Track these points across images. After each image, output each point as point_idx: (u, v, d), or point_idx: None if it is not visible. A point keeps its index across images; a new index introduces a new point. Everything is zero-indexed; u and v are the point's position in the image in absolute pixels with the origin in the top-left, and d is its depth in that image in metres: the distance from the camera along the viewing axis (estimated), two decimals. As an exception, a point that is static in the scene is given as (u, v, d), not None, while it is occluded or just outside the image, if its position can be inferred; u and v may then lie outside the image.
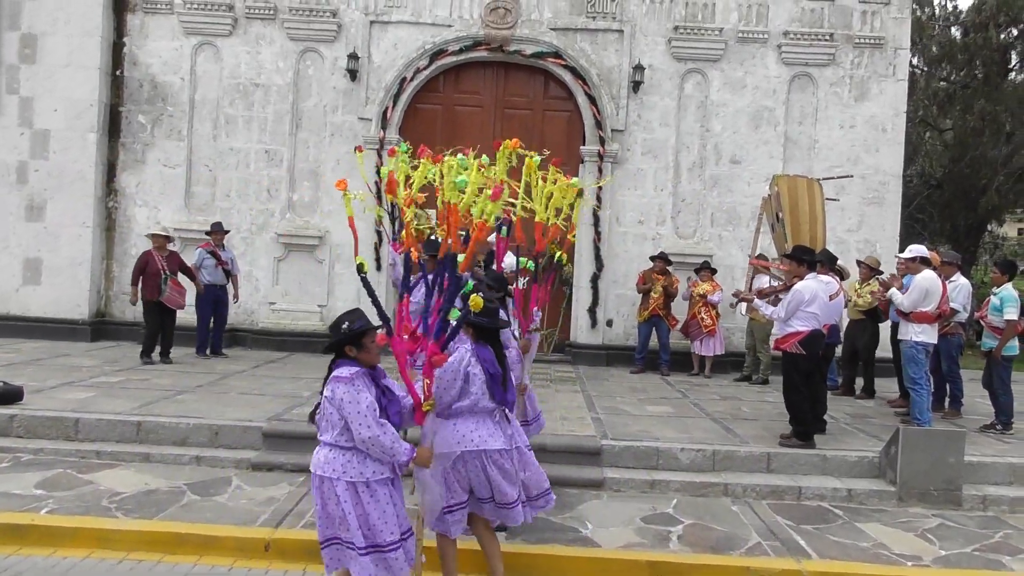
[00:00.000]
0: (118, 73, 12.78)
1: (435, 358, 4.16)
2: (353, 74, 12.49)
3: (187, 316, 11.29)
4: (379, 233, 12.09)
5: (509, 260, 6.46)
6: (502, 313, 4.82)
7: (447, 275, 4.21)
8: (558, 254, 6.32)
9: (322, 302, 12.64)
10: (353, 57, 12.42)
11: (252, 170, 12.75)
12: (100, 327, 12.70)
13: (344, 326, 4.00)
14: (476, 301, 4.06)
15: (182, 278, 10.83)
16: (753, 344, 11.47)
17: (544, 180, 5.65)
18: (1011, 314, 8.29)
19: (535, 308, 6.17)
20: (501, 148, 4.94)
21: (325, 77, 12.70)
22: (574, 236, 4.82)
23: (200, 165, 12.80)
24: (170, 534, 5.40)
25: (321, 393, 4.09)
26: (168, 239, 10.96)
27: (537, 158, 5.33)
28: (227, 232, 11.72)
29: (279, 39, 12.68)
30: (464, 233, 4.53)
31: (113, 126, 12.80)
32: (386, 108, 12.57)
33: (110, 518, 5.59)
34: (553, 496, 4.93)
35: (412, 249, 4.56)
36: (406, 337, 4.24)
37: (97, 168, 12.55)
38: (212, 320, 11.39)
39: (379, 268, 12.27)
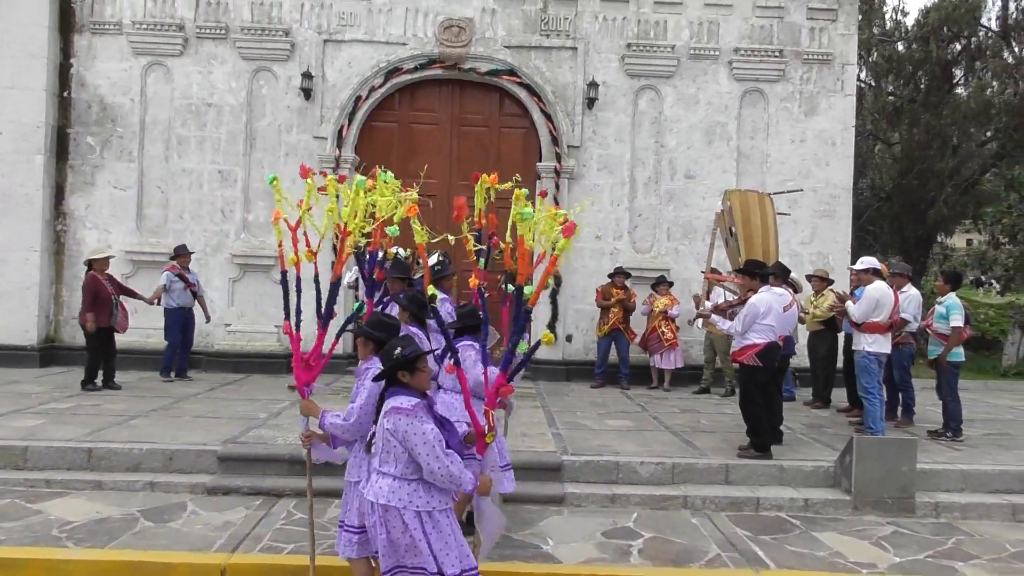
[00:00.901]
0: (66, 95, 12.56)
1: (502, 389, 4.23)
2: (307, 93, 12.43)
3: (136, 338, 11.12)
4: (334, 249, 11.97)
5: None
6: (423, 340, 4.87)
7: (515, 306, 4.32)
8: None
9: (279, 323, 12.49)
10: (307, 76, 12.36)
11: (206, 191, 12.59)
12: (49, 353, 12.41)
13: (397, 352, 3.98)
14: (548, 337, 4.33)
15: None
16: (712, 357, 11.57)
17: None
18: (956, 321, 8.49)
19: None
20: (479, 183, 4.97)
21: (279, 96, 12.62)
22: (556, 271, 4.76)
23: (152, 187, 12.61)
24: (123, 563, 5.28)
25: (375, 422, 4.09)
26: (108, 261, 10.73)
27: (525, 191, 5.25)
28: (192, 254, 11.53)
29: (231, 58, 12.58)
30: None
31: (61, 148, 12.57)
32: (341, 127, 12.53)
33: (61, 548, 5.45)
34: None
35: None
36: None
37: (45, 191, 12.30)
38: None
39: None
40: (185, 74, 12.58)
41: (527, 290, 4.27)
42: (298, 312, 4.87)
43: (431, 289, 4.80)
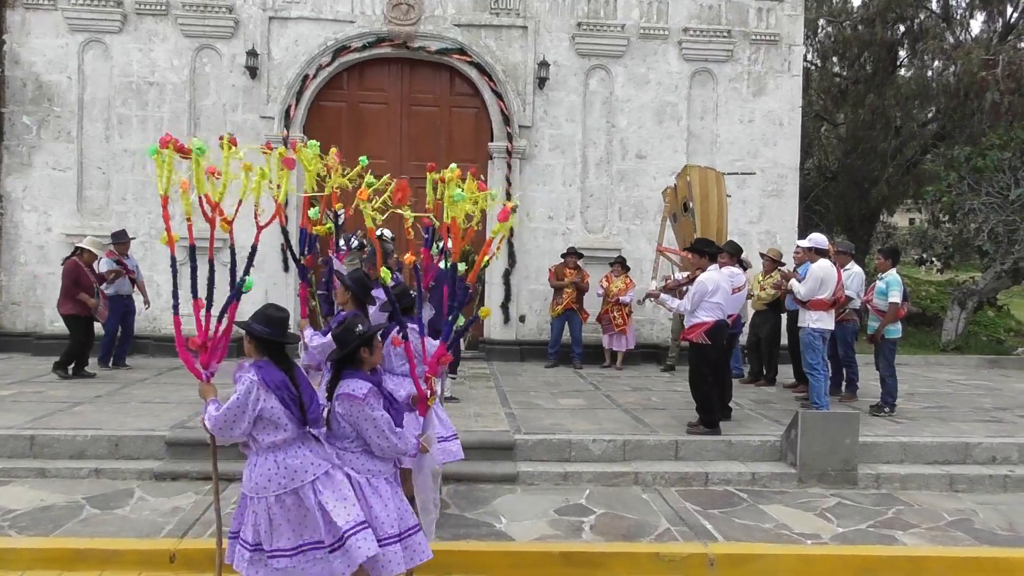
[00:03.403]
0: (-1, 72, 12.15)
1: (443, 358, 4.51)
2: (253, 71, 12.20)
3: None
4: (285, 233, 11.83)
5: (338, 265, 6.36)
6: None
7: (452, 283, 4.58)
8: (471, 254, 6.29)
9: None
10: (252, 54, 12.12)
11: (149, 172, 12.27)
12: (-12, 339, 12.06)
13: (358, 329, 4.12)
14: (485, 311, 4.74)
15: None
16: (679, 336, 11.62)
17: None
18: (895, 297, 8.69)
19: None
20: (429, 177, 5.16)
21: (223, 75, 12.36)
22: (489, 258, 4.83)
23: (92, 168, 12.29)
24: (69, 550, 5.17)
25: (328, 399, 4.19)
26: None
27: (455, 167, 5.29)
28: (132, 239, 11.19)
29: (173, 36, 12.27)
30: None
31: (-5, 128, 12.16)
32: (289, 106, 12.33)
33: (4, 536, 5.33)
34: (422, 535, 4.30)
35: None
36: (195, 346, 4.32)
37: (-20, 172, 11.91)
38: (120, 331, 10.94)
39: (287, 269, 12.06)
40: (125, 51, 12.24)
41: (460, 267, 4.64)
42: (183, 290, 4.54)
43: (384, 272, 4.78)
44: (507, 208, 4.44)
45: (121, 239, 10.83)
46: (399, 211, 4.29)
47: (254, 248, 4.70)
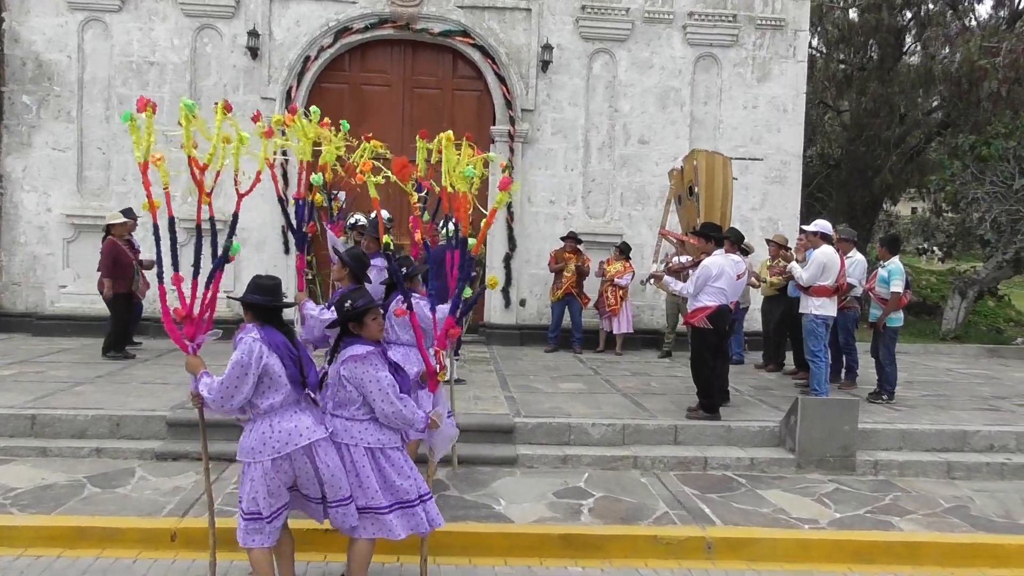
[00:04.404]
0: (-1, 50, 12.08)
1: (451, 331, 4.57)
2: (254, 52, 12.13)
3: (77, 304, 10.82)
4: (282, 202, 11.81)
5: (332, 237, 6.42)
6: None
7: (461, 257, 4.69)
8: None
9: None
10: (253, 34, 12.05)
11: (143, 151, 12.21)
12: (-11, 319, 12.05)
13: (347, 305, 4.18)
14: (493, 280, 4.77)
15: None
16: (675, 322, 11.63)
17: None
18: (897, 286, 8.69)
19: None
20: (419, 144, 5.14)
21: (224, 55, 12.29)
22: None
23: (92, 148, 12.24)
24: (70, 528, 5.21)
25: (327, 366, 4.28)
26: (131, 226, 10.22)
27: (449, 132, 5.32)
28: (139, 218, 11.08)
29: (173, 15, 12.19)
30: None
31: (-6, 107, 12.10)
32: (290, 87, 12.27)
33: (5, 514, 5.36)
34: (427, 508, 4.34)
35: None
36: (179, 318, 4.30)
37: (-21, 152, 11.86)
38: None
39: (287, 251, 12.03)
40: (125, 31, 12.16)
41: (470, 241, 4.69)
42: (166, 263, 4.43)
43: (387, 238, 4.81)
44: (507, 178, 4.51)
45: (128, 216, 10.75)
46: (401, 185, 4.31)
47: (235, 216, 4.64)
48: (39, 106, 12.15)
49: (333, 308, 4.67)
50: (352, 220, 9.43)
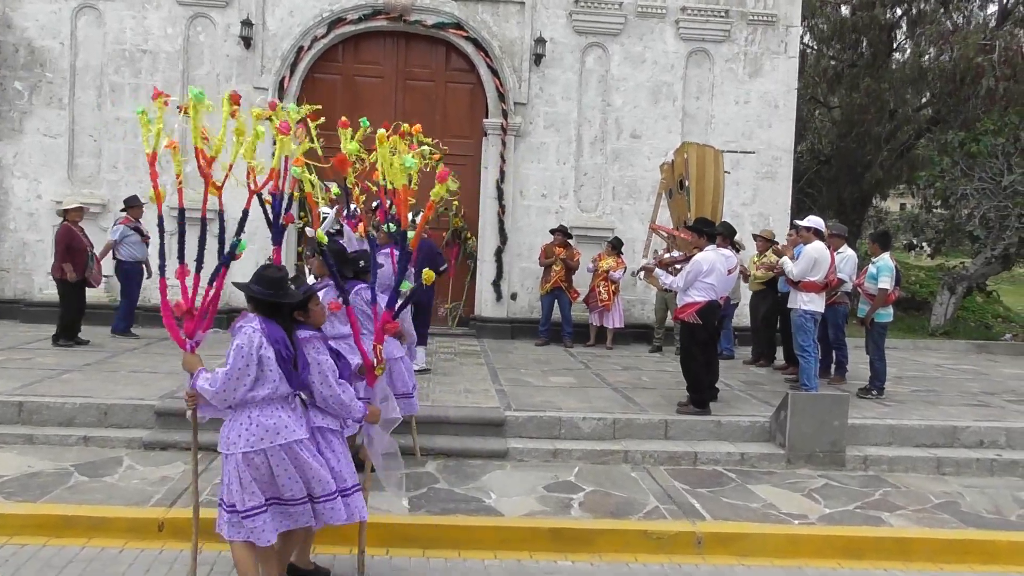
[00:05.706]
0: (-10, 36, 11.97)
1: (388, 326, 4.49)
2: (247, 42, 12.06)
3: (55, 292, 10.74)
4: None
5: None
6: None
7: (399, 250, 4.65)
8: (463, 231, 6.35)
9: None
10: (246, 24, 11.97)
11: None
12: (-24, 306, 11.97)
13: (285, 289, 4.13)
14: (428, 275, 4.65)
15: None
16: (664, 316, 11.66)
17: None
18: (885, 283, 8.70)
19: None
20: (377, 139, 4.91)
21: (218, 44, 12.21)
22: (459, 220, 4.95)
23: (84, 135, 12.15)
24: (56, 516, 5.17)
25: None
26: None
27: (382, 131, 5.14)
28: (144, 204, 10.96)
29: (167, 3, 12.10)
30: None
31: (-14, 93, 12.00)
32: (283, 78, 12.22)
33: (-10, 502, 5.32)
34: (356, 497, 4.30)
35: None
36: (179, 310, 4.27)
37: (-31, 137, 11.76)
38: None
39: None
40: (118, 18, 12.07)
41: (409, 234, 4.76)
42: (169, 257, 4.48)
43: (320, 234, 4.84)
44: (445, 171, 4.52)
45: (134, 203, 10.66)
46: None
47: (245, 212, 4.57)
48: (31, 92, 12.06)
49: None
50: (375, 204, 9.28)
